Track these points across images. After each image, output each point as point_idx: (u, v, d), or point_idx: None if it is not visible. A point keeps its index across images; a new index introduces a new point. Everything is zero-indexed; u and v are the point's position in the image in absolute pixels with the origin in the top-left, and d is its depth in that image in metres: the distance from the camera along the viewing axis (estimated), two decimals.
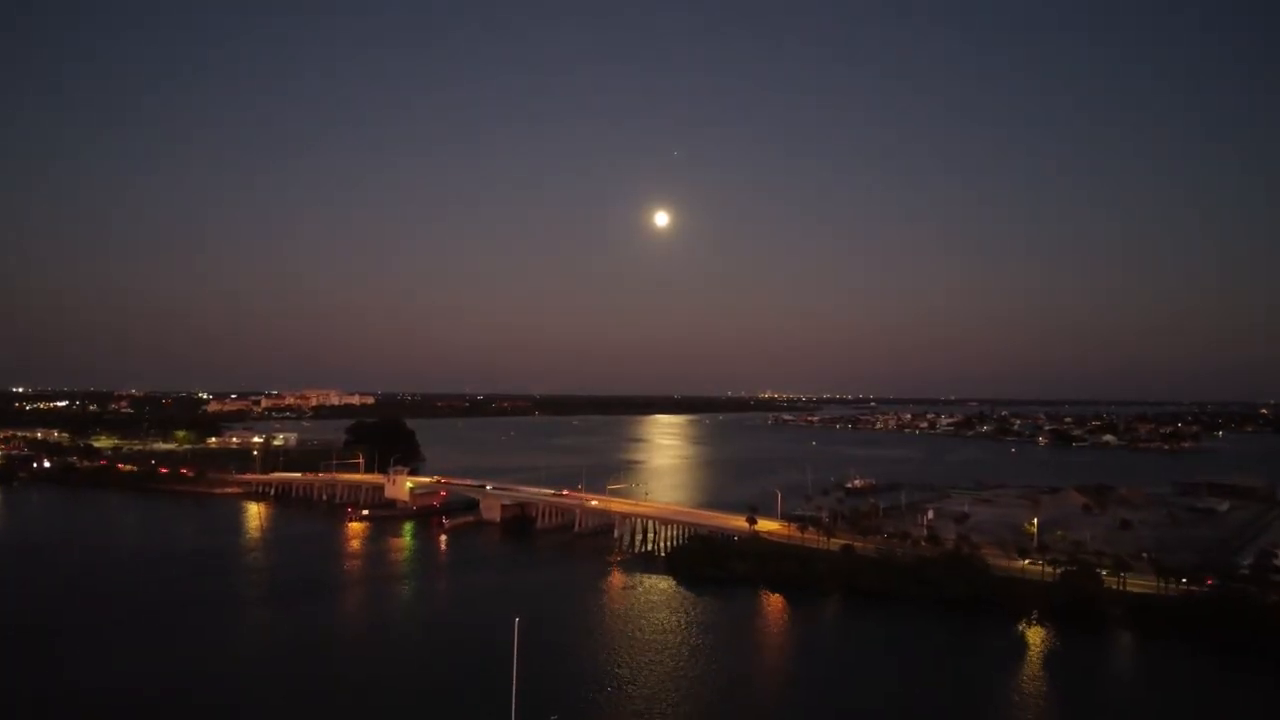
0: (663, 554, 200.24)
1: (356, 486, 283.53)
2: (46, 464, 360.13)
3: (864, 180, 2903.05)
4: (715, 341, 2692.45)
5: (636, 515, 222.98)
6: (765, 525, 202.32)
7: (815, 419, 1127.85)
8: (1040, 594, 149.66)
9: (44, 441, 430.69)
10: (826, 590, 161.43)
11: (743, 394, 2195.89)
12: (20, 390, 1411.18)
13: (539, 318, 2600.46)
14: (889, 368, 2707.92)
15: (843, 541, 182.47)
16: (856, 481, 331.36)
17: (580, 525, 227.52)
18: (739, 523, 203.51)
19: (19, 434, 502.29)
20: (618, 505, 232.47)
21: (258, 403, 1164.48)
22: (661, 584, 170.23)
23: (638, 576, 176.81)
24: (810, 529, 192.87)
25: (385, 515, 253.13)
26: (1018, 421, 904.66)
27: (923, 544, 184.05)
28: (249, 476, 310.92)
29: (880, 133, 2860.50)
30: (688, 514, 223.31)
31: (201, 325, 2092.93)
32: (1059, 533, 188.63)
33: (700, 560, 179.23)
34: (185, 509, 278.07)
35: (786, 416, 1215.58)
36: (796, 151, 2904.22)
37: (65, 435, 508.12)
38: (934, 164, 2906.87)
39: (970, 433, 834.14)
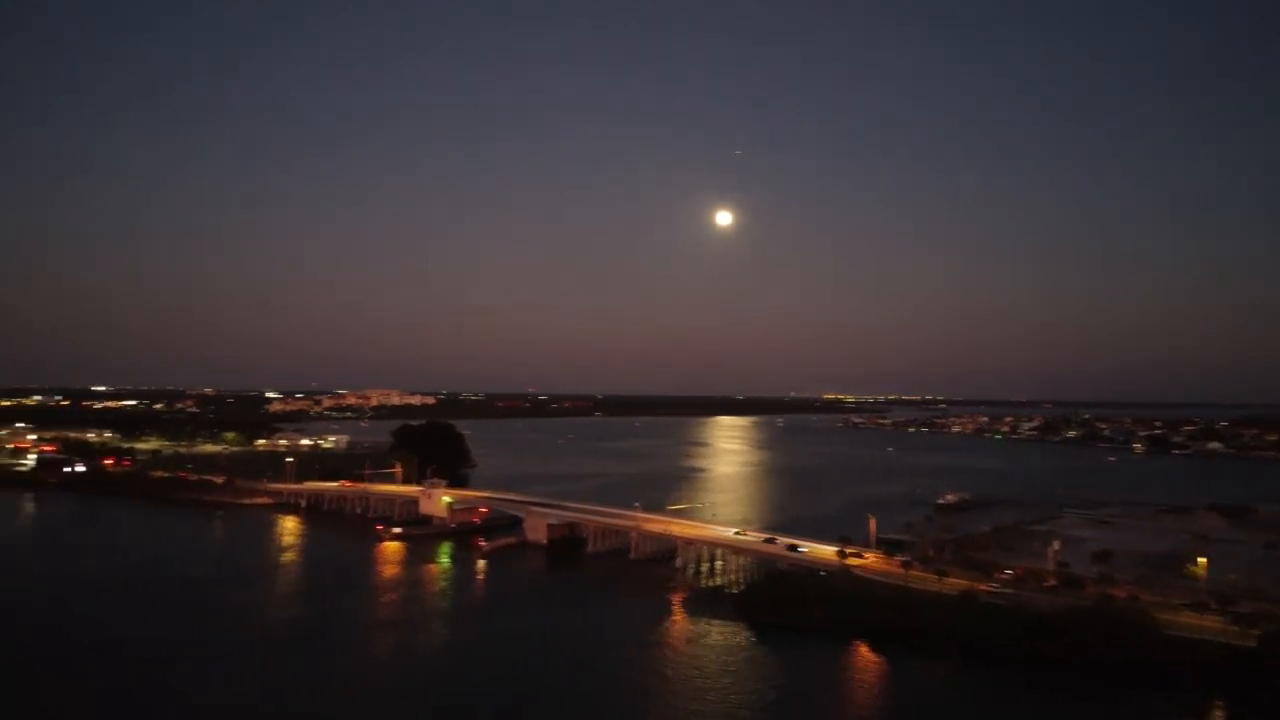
0: (733, 590, 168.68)
1: (390, 500, 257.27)
2: (80, 468, 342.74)
3: (932, 180, 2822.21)
4: (778, 342, 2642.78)
5: (701, 541, 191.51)
6: (856, 557, 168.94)
7: (887, 421, 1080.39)
8: (1230, 661, 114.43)
9: (83, 443, 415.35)
10: (939, 648, 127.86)
11: (807, 395, 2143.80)
12: (100, 389, 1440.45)
13: (602, 318, 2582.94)
14: (959, 368, 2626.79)
15: (958, 583, 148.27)
16: (949, 497, 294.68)
17: (636, 551, 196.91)
18: (826, 554, 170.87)
19: (71, 435, 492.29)
20: (680, 528, 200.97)
21: (319, 402, 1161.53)
22: (732, 634, 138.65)
23: (703, 622, 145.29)
24: (915, 564, 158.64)
25: (419, 534, 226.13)
26: (1105, 426, 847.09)
27: (1053, 584, 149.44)
28: (279, 486, 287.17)
29: (952, 132, 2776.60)
30: (762, 542, 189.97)
31: (279, 324, 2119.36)
32: (1231, 576, 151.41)
33: (778, 603, 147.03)
34: (204, 523, 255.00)
35: (856, 419, 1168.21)
36: (865, 150, 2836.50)
37: (114, 436, 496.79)
38: (1000, 163, 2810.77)
39: (1056, 438, 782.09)
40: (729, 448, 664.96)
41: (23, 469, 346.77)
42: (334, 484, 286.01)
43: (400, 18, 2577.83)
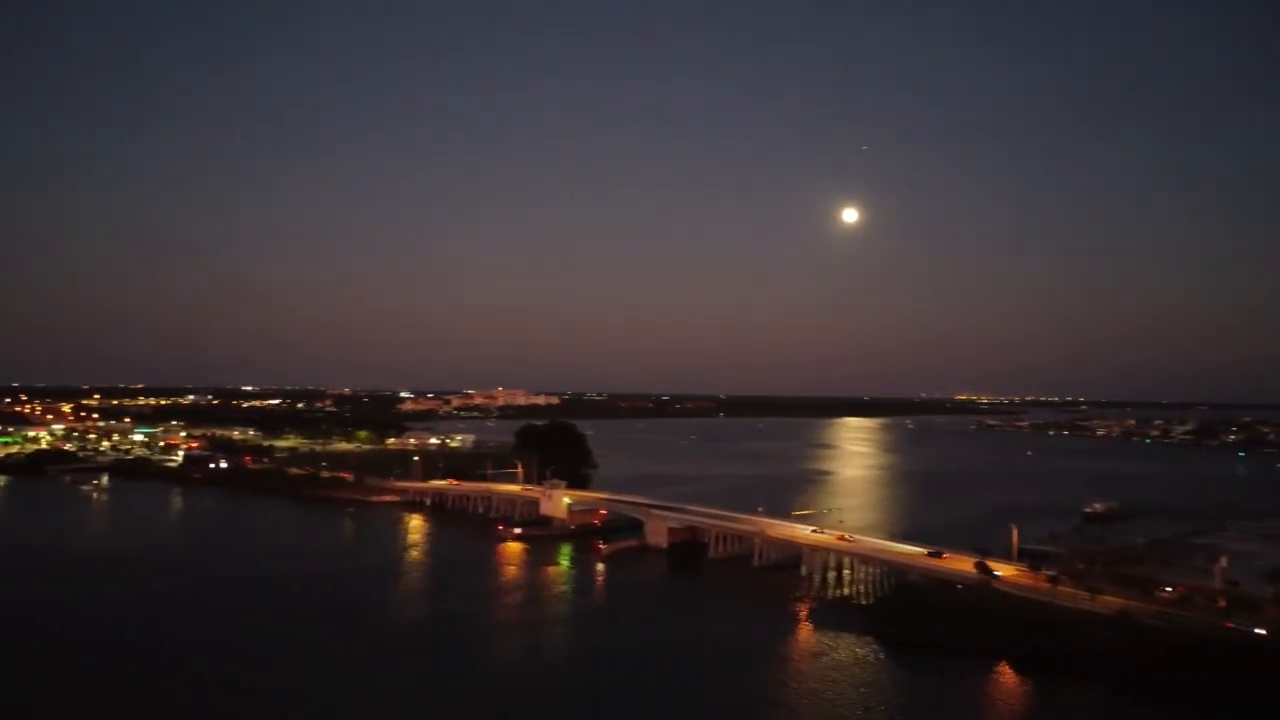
0: (862, 602, 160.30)
1: (511, 500, 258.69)
2: (223, 464, 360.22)
3: (1059, 176, 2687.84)
4: (905, 341, 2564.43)
5: (829, 549, 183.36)
6: (998, 568, 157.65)
7: (1024, 423, 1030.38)
8: None
9: (228, 440, 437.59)
10: (1092, 674, 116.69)
11: (936, 395, 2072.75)
12: (248, 389, 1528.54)
13: (725, 318, 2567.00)
14: (1102, 369, 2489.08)
15: (1113, 601, 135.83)
16: (1097, 505, 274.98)
17: (760, 557, 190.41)
18: (963, 565, 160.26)
19: (218, 433, 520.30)
20: (806, 535, 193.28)
21: (448, 402, 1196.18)
22: (861, 649, 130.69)
23: (830, 635, 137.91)
24: (1063, 579, 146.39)
25: (539, 534, 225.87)
26: (1269, 430, 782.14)
27: (1224, 605, 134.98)
28: (406, 484, 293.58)
29: (1082, 124, 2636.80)
30: (894, 551, 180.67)
31: (412, 324, 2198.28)
32: None
33: (911, 618, 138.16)
34: (335, 519, 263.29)
35: (991, 421, 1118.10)
36: (996, 146, 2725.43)
37: (256, 434, 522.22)
38: (1152, 162, 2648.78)
39: (1213, 442, 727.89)
40: (855, 450, 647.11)
41: (172, 465, 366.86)
42: (456, 483, 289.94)
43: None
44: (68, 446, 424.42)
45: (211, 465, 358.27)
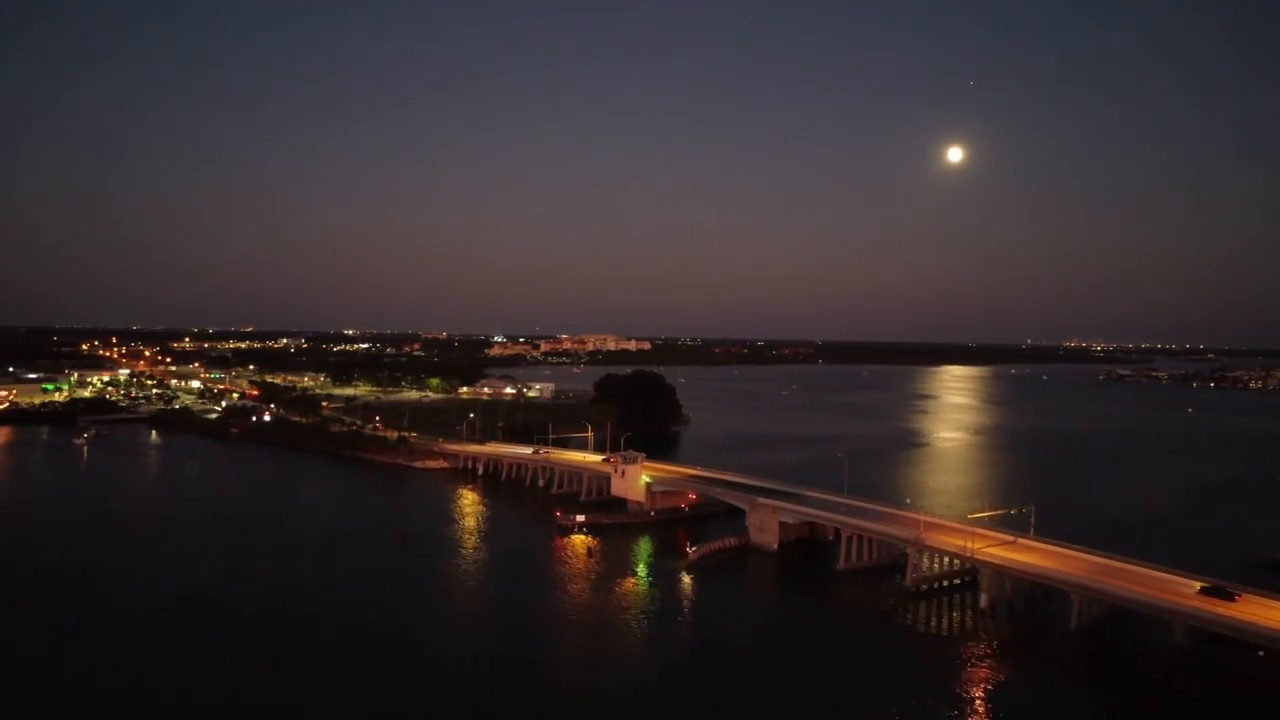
0: (1093, 658, 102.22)
1: (577, 472, 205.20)
2: (267, 417, 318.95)
3: (1198, 110, 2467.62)
4: (1012, 286, 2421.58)
5: (1022, 572, 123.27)
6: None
7: (1162, 374, 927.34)
8: None
9: (275, 389, 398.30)
10: None
11: (1044, 343, 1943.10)
12: (349, 332, 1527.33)
13: (824, 261, 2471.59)
14: (1232, 315, 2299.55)
15: None
16: None
17: (914, 573, 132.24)
18: (1185, 592, 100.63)
19: (284, 378, 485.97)
20: (985, 547, 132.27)
21: (536, 347, 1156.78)
22: None
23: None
24: None
25: (609, 523, 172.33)
26: None
27: None
28: (456, 448, 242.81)
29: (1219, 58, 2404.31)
30: (1134, 578, 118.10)
31: (507, 268, 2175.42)
32: None
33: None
34: (368, 488, 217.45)
35: (1122, 370, 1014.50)
36: (1120, 78, 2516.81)
37: (325, 381, 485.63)
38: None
39: None
40: (968, 402, 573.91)
41: (211, 417, 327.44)
42: (514, 447, 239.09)
43: None
44: (119, 395, 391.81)
45: (254, 419, 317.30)
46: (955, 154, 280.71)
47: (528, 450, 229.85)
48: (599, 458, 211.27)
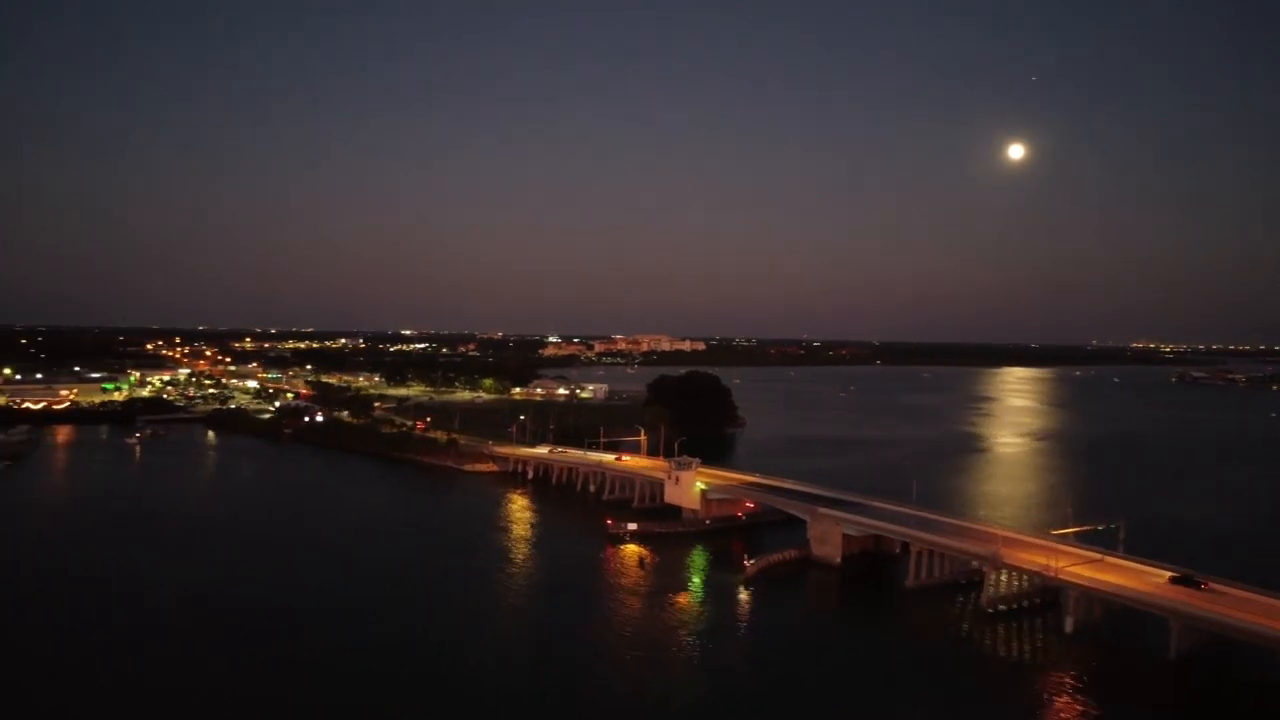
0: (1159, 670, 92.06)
1: (629, 478, 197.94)
2: (319, 418, 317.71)
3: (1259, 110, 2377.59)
4: (1076, 285, 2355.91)
5: (1113, 594, 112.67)
6: None
7: (1239, 376, 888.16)
8: None
9: (329, 389, 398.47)
10: None
11: (1110, 343, 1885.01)
12: (407, 332, 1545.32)
13: (881, 259, 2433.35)
14: None
15: None
16: None
17: (992, 593, 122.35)
18: None
19: (339, 378, 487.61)
20: (1069, 566, 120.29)
21: (591, 347, 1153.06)
22: None
23: None
24: None
25: (662, 532, 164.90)
26: None
27: None
28: (506, 450, 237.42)
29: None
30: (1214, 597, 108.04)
31: (565, 268, 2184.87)
32: None
33: None
34: (416, 492, 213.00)
35: (1196, 372, 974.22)
36: (1184, 82, 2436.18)
37: (379, 381, 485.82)
38: None
39: None
40: (1035, 405, 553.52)
41: (265, 417, 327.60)
42: (565, 451, 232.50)
43: None
44: (176, 395, 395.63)
45: (306, 419, 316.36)
46: (1017, 150, 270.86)
47: (577, 453, 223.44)
48: (653, 464, 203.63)
